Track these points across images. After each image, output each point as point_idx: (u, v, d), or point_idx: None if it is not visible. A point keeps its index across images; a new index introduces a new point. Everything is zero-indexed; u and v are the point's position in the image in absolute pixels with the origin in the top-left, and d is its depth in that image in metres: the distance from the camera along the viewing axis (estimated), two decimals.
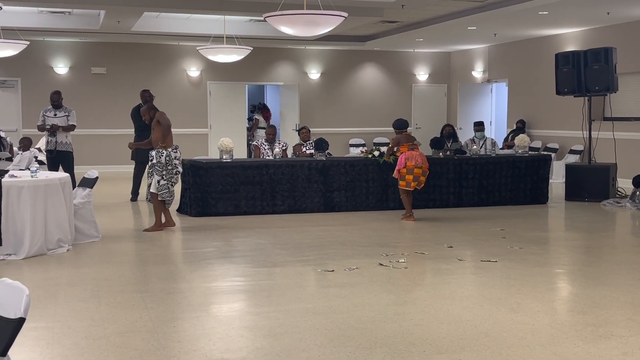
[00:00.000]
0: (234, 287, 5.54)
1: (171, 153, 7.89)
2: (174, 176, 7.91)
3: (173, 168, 7.88)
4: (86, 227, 7.35)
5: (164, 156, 7.84)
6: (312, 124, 16.61)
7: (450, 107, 18.62)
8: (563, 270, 6.14)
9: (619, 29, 12.74)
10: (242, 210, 9.30)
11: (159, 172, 7.83)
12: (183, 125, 16.40)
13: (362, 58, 17.96)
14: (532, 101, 15.33)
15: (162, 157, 7.84)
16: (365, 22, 13.17)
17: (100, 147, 15.82)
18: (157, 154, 7.85)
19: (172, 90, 16.62)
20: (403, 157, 8.69)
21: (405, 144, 8.84)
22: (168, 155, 7.84)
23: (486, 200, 10.21)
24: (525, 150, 10.75)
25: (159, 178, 7.81)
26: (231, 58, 13.10)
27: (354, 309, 4.75)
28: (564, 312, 4.80)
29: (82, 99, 15.58)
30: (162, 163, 7.83)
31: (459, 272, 5.91)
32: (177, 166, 7.92)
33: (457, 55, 18.43)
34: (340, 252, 6.79)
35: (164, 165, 7.83)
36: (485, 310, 4.70)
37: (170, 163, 7.86)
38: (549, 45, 14.55)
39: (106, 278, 5.73)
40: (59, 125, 10.04)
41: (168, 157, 7.84)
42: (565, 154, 14.06)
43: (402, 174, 8.69)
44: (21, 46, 10.92)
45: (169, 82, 16.62)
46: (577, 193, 10.72)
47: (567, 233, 8.55)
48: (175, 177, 7.94)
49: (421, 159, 8.65)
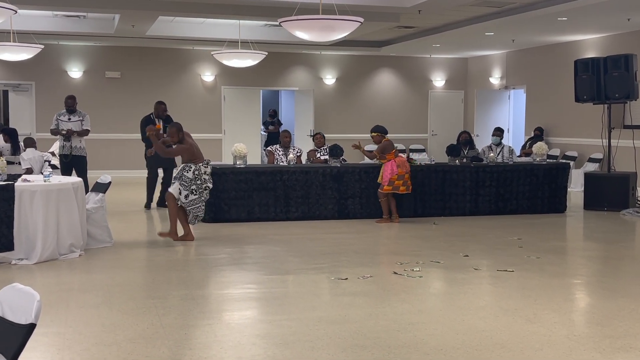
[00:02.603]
0: (246, 295, 5.54)
1: (201, 167, 7.71)
2: (204, 192, 7.74)
3: (202, 183, 7.70)
4: (99, 233, 7.38)
5: (191, 171, 7.66)
6: (327, 129, 16.61)
7: (467, 114, 18.56)
8: (581, 281, 6.09)
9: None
10: (255, 217, 9.30)
11: (186, 186, 7.65)
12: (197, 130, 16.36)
13: (378, 63, 17.96)
14: (550, 108, 15.25)
15: (189, 172, 7.66)
16: (381, 27, 13.17)
17: (114, 151, 15.92)
18: (185, 168, 7.67)
19: (186, 95, 16.69)
20: (394, 165, 9.01)
21: (392, 151, 9.12)
22: (197, 170, 7.67)
23: (503, 208, 10.16)
24: (543, 158, 10.70)
25: (186, 192, 7.63)
26: (246, 63, 13.13)
27: (367, 318, 4.73)
28: (582, 324, 4.76)
29: (96, 103, 15.68)
30: (190, 178, 7.66)
31: (474, 282, 5.88)
32: (206, 181, 7.73)
33: (475, 61, 18.38)
34: (354, 260, 6.78)
35: (191, 180, 7.66)
36: (501, 321, 4.67)
37: (200, 178, 7.69)
38: (568, 51, 14.47)
39: (118, 284, 5.76)
40: (73, 130, 10.11)
41: (197, 172, 7.67)
42: (584, 162, 13.96)
43: (392, 180, 9.00)
44: (35, 50, 11.02)
45: (183, 86, 16.70)
46: (596, 202, 10.64)
47: (586, 243, 8.49)
48: (205, 192, 7.76)
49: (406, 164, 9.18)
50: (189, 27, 14.34)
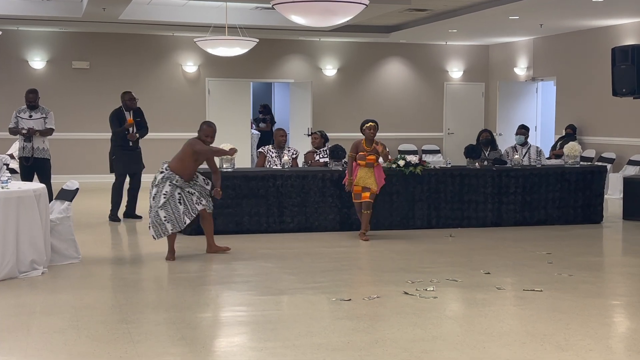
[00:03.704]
0: (234, 318, 5.55)
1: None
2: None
3: None
4: (64, 247, 7.38)
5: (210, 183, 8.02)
6: (327, 128, 16.60)
7: (489, 110, 18.59)
8: (620, 302, 6.10)
9: None
10: (244, 228, 9.31)
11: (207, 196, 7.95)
12: (177, 128, 16.46)
13: (386, 52, 17.98)
14: (584, 103, 15.28)
15: (209, 184, 8.00)
16: (389, 10, 13.20)
17: (82, 154, 15.92)
18: (205, 181, 7.97)
19: (165, 88, 16.71)
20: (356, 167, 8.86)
21: None
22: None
23: (530, 218, 10.17)
24: (576, 161, 10.71)
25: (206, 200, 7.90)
26: (234, 51, 13.14)
27: (374, 345, 4.74)
28: (621, 352, 4.77)
29: (61, 97, 15.69)
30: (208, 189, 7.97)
31: (497, 303, 5.89)
32: None
33: (497, 49, 18.41)
34: (358, 278, 6.77)
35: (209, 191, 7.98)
36: (528, 348, 4.67)
37: None
38: (604, 38, 14.51)
39: (87, 306, 5.75)
40: (35, 129, 10.11)
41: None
42: (623, 165, 13.99)
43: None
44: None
45: (161, 78, 16.71)
46: (638, 211, 10.66)
47: (625, 258, 8.49)
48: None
49: None
50: (169, 10, 14.36)
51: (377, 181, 8.89)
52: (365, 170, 8.84)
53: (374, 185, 8.85)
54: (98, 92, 16.11)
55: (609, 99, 12.83)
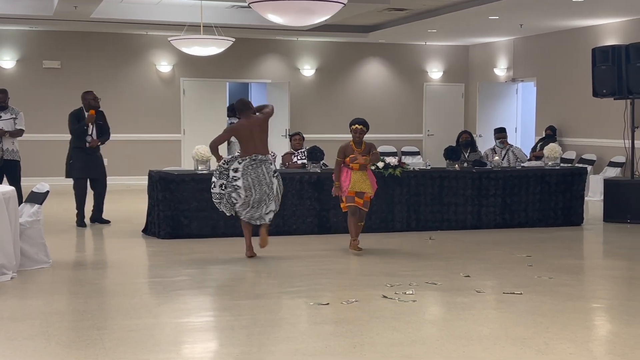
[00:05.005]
0: (209, 324, 5.52)
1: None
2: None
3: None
4: (34, 251, 7.32)
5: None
6: (305, 129, 16.61)
7: (468, 111, 18.68)
8: (600, 305, 6.14)
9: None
10: (220, 232, 9.28)
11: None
12: (151, 130, 16.40)
13: (365, 52, 18.02)
14: (564, 104, 15.39)
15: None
16: (368, 9, 13.23)
17: (53, 155, 15.77)
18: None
19: (139, 89, 16.63)
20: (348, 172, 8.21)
21: None
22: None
23: (510, 221, 10.22)
24: (557, 162, 10.79)
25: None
26: (209, 51, 13.11)
27: (352, 349, 4.74)
28: (601, 355, 4.80)
29: (31, 98, 15.57)
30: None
31: (477, 307, 5.91)
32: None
33: (477, 50, 18.51)
34: (336, 281, 6.77)
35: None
36: (508, 352, 4.69)
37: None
38: (584, 38, 14.63)
39: (57, 312, 5.71)
40: (5, 130, 10.04)
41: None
42: (603, 167, 14.10)
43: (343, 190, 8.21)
44: None
45: (135, 78, 16.64)
46: (618, 213, 10.73)
47: (606, 261, 8.56)
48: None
49: None
50: (142, 9, 14.30)
51: (372, 185, 8.28)
52: (359, 174, 8.15)
53: (369, 189, 8.20)
54: (69, 92, 15.93)
55: (589, 100, 12.92)
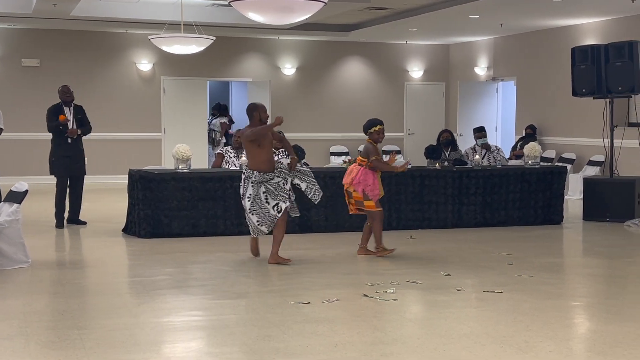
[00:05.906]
0: (190, 323, 5.51)
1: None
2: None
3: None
4: (13, 251, 7.27)
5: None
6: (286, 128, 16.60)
7: (449, 110, 18.75)
8: (580, 303, 6.18)
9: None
10: (201, 231, 9.26)
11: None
12: (131, 128, 16.33)
13: (346, 51, 18.04)
14: (544, 103, 15.48)
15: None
16: (349, 8, 13.24)
17: (32, 154, 15.68)
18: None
19: (119, 87, 16.56)
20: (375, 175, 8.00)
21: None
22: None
23: (490, 220, 10.27)
24: (537, 161, 10.84)
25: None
26: (190, 49, 13.07)
27: (333, 349, 4.74)
28: (581, 353, 4.83)
29: (10, 96, 15.47)
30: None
31: (457, 305, 5.93)
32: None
33: (457, 49, 18.57)
34: (317, 281, 6.78)
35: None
36: (488, 350, 4.71)
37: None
38: (564, 38, 14.72)
39: (36, 311, 5.67)
40: None
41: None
42: (583, 166, 14.20)
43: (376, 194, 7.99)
44: None
45: (115, 77, 16.56)
46: (597, 212, 10.81)
47: (585, 259, 8.62)
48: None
49: None
50: (122, 7, 14.23)
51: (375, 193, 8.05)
52: (378, 177, 8.06)
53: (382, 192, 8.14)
54: (48, 90, 15.75)
55: (568, 99, 13.01)
